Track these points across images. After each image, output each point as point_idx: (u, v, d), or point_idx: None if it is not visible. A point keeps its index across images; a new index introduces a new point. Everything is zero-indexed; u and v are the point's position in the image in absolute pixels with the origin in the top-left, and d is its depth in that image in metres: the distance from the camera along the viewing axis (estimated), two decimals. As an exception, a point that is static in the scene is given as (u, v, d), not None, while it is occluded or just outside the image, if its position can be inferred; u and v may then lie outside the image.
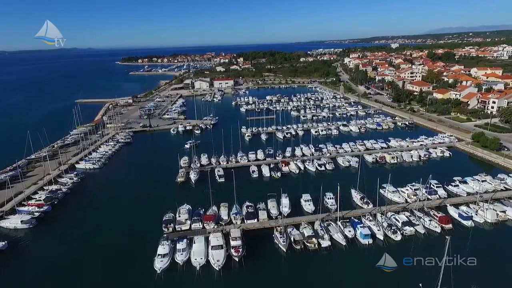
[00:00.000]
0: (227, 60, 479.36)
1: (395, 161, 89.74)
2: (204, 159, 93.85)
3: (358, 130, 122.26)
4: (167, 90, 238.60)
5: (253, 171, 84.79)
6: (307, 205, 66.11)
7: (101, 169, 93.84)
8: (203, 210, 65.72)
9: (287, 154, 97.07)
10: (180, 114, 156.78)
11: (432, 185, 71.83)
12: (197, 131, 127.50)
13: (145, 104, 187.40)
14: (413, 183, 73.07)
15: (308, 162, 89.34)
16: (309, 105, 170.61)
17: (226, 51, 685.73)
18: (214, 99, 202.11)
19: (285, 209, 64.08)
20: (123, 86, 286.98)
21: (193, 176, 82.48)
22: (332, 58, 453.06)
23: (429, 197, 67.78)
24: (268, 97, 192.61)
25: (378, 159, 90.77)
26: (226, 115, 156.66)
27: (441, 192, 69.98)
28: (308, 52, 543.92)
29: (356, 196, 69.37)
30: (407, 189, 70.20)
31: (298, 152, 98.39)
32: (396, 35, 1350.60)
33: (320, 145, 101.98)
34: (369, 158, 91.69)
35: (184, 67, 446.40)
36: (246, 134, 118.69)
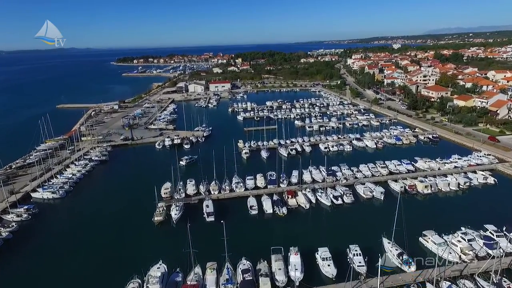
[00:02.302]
0: (225, 61, 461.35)
1: (429, 191, 71.86)
2: (190, 187, 75.62)
3: (375, 146, 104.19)
4: (159, 94, 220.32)
5: (252, 207, 66.56)
6: (326, 266, 48.08)
7: (62, 200, 75.43)
8: (183, 274, 47.71)
9: (293, 179, 79.08)
10: (169, 123, 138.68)
11: (491, 232, 54.19)
12: (186, 146, 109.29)
13: (133, 110, 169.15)
14: (463, 229, 55.39)
15: (321, 193, 71.32)
16: (314, 113, 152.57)
17: (225, 51, 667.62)
18: (209, 104, 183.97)
19: (297, 273, 46.00)
20: (112, 89, 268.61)
21: (174, 213, 64.43)
22: (333, 59, 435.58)
23: (490, 251, 49.97)
24: (268, 103, 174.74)
25: (407, 187, 72.85)
26: (221, 124, 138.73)
27: (503, 243, 52.07)
28: (309, 52, 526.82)
29: (390, 249, 51.42)
30: (459, 240, 52.31)
31: (306, 176, 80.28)
32: (395, 36, 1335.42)
33: (333, 167, 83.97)
34: (395, 186, 73.76)
35: (180, 68, 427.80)
36: (244, 151, 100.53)
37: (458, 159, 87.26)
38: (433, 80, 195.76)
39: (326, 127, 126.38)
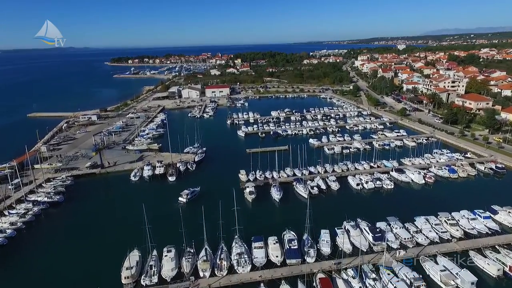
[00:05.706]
0: (223, 62, 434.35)
1: (543, 277, 45.86)
2: (168, 265, 48.89)
3: (424, 181, 77.72)
4: (148, 100, 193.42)
5: (266, 315, 40.32)
6: None
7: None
8: None
9: (324, 246, 52.74)
10: (154, 140, 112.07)
11: None
12: (171, 178, 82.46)
13: (114, 121, 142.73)
14: None
15: (373, 279, 44.93)
16: (330, 127, 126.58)
17: (223, 51, 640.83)
18: (204, 114, 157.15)
19: None
20: (98, 94, 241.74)
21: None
22: (338, 60, 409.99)
23: None
24: (273, 113, 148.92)
25: (507, 270, 46.78)
26: (218, 143, 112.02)
27: None
28: (311, 53, 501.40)
29: None
30: None
31: (343, 240, 53.47)
32: (395, 36, 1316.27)
33: (378, 224, 57.63)
34: (487, 267, 47.44)
35: (176, 69, 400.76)
36: (248, 189, 73.53)
37: (555, 209, 61.27)
38: (463, 86, 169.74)
39: (350, 149, 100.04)
